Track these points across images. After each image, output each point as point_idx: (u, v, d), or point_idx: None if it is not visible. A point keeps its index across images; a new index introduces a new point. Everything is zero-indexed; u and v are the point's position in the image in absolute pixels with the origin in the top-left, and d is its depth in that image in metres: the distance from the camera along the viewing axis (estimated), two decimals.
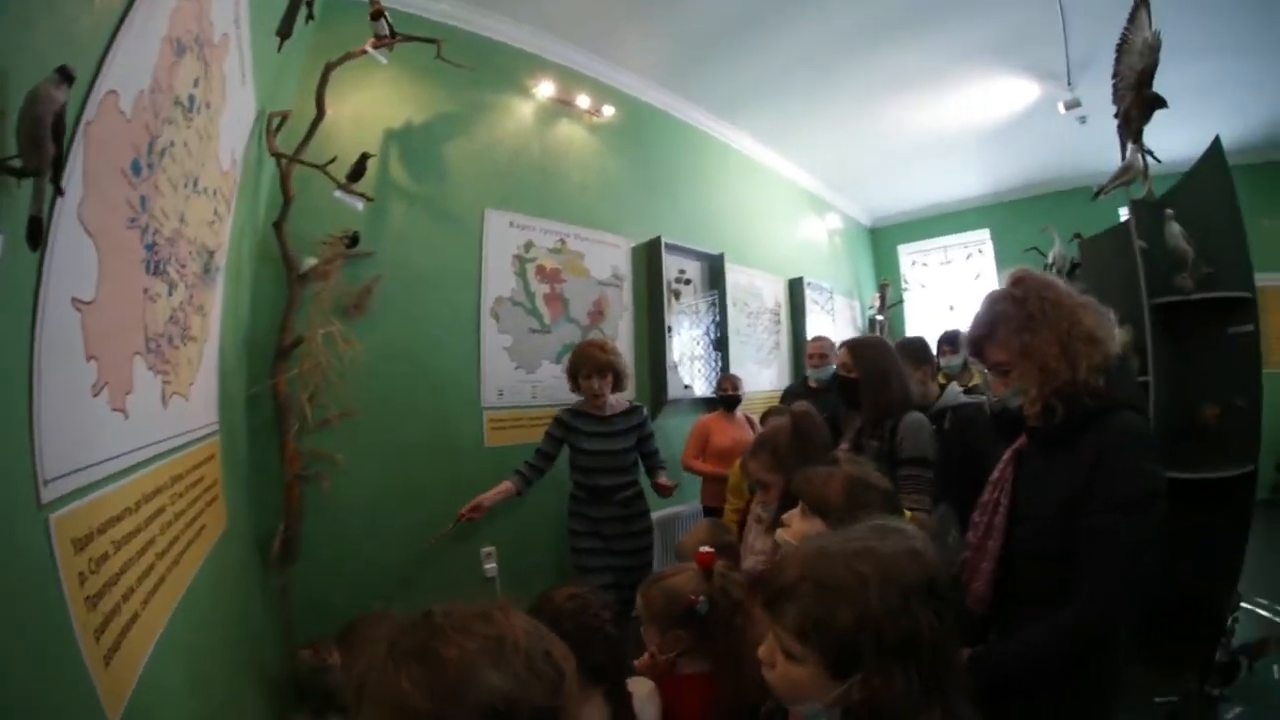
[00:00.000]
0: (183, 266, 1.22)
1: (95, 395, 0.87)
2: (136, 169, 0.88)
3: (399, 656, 0.57)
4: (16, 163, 0.52)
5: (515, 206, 3.18)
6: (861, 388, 2.07)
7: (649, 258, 3.82)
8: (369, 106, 2.66)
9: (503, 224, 3.12)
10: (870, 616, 0.71)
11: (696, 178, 4.34)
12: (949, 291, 6.62)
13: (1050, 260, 4.22)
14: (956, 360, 3.26)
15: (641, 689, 1.25)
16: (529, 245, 3.22)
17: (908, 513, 1.31)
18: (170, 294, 1.17)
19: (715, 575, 1.29)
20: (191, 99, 1.11)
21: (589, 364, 2.53)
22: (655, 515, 2.87)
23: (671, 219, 4.00)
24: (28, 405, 0.66)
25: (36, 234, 0.56)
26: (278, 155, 2.14)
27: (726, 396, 3.42)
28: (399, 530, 2.58)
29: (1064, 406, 1.11)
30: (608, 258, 3.60)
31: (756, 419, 3.37)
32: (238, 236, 1.76)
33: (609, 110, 3.67)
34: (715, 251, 4.25)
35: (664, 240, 3.78)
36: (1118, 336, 1.15)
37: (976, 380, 2.91)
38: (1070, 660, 1.09)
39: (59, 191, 0.57)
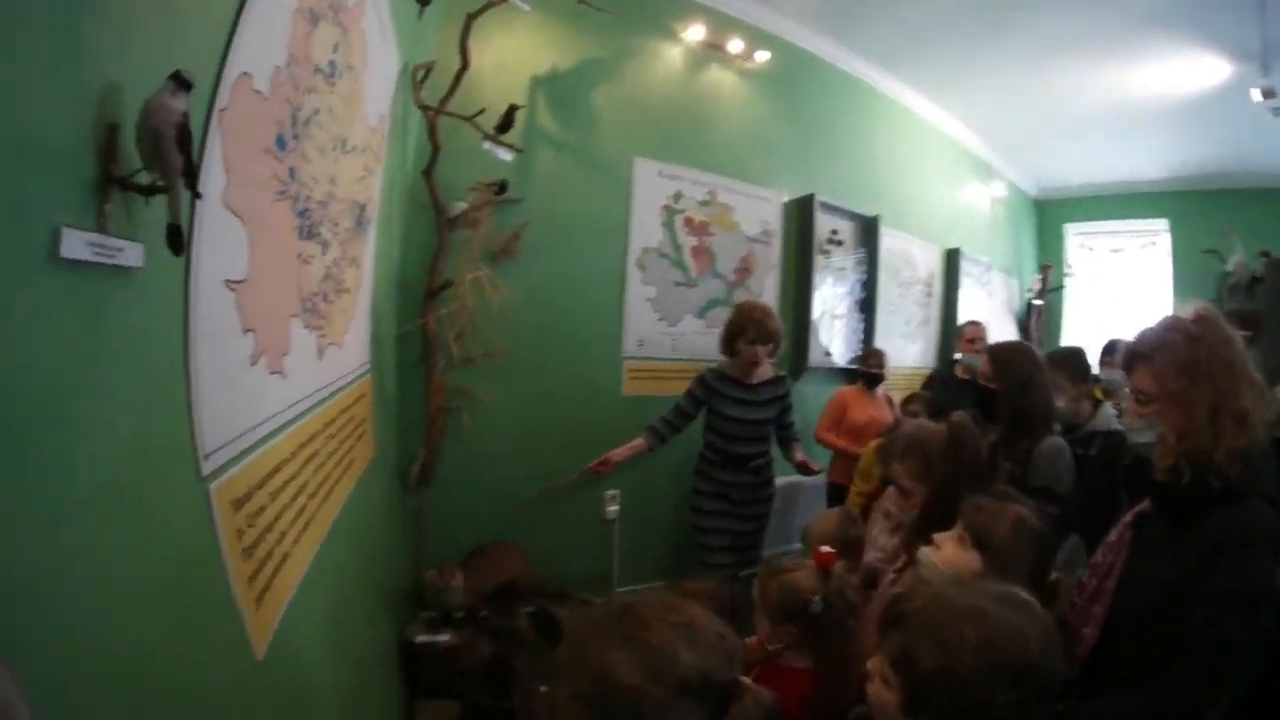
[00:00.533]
0: (335, 224, 1.26)
1: (254, 364, 0.92)
2: (281, 143, 0.89)
3: (612, 641, 0.67)
4: (144, 178, 0.50)
5: (664, 156, 3.06)
6: (1000, 400, 1.87)
7: (800, 215, 3.58)
8: (513, 54, 2.61)
9: (651, 173, 3.02)
10: (953, 675, 0.74)
11: (853, 131, 3.96)
12: (1116, 284, 5.74)
13: (1229, 268, 3.71)
14: (1118, 375, 2.81)
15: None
16: (678, 196, 3.11)
17: (1055, 574, 1.23)
18: (324, 253, 1.22)
19: (833, 577, 1.29)
20: (332, 65, 1.10)
21: (759, 330, 2.43)
22: (778, 482, 2.80)
23: (825, 175, 3.70)
24: (185, 389, 0.70)
25: (177, 241, 0.55)
26: (424, 108, 2.17)
27: (870, 373, 3.18)
28: (530, 466, 2.72)
29: (1190, 475, 1.06)
30: (758, 212, 3.41)
31: (897, 399, 3.13)
32: (388, 187, 1.82)
33: (762, 56, 3.36)
34: (870, 213, 3.91)
35: (818, 198, 3.52)
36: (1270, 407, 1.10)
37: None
38: None
39: (196, 195, 0.56)
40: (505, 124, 2.31)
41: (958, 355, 3.16)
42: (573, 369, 2.84)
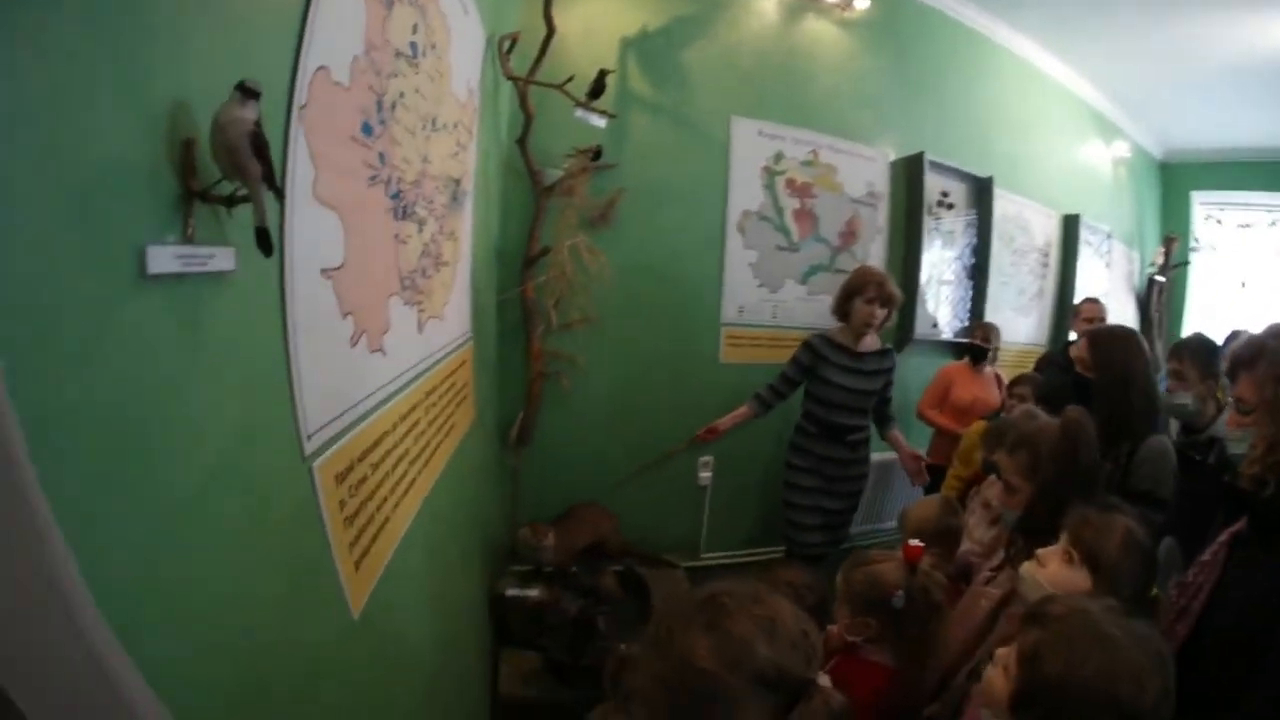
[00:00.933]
0: (430, 202, 1.29)
1: (354, 345, 0.96)
2: (368, 130, 0.90)
3: (695, 627, 0.70)
4: (224, 188, 0.51)
5: (763, 114, 2.90)
6: (1096, 394, 1.72)
7: (909, 175, 3.31)
8: (600, 18, 2.54)
9: (750, 133, 2.88)
10: (1065, 690, 0.76)
11: (963, 85, 3.57)
12: (1242, 263, 4.99)
13: None
14: None
15: (820, 677, 1.24)
16: (779, 156, 2.95)
17: (1156, 590, 1.16)
18: (421, 230, 1.25)
19: (919, 573, 1.28)
20: (414, 46, 1.10)
21: (879, 289, 2.35)
22: (874, 458, 2.69)
23: (934, 132, 3.38)
24: (286, 376, 0.74)
25: (266, 243, 0.57)
26: (513, 78, 2.15)
27: (976, 347, 2.93)
28: (624, 431, 2.78)
29: (1276, 486, 1.05)
30: (863, 173, 3.17)
31: (1006, 378, 2.89)
32: (483, 159, 1.84)
33: (862, 3, 3.05)
34: (983, 174, 3.55)
35: (927, 157, 3.23)
36: None
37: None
38: None
39: (279, 196, 0.57)
40: (596, 90, 2.26)
41: (1073, 336, 2.82)
42: (670, 335, 2.83)
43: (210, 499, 0.59)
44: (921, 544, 1.33)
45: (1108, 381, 1.75)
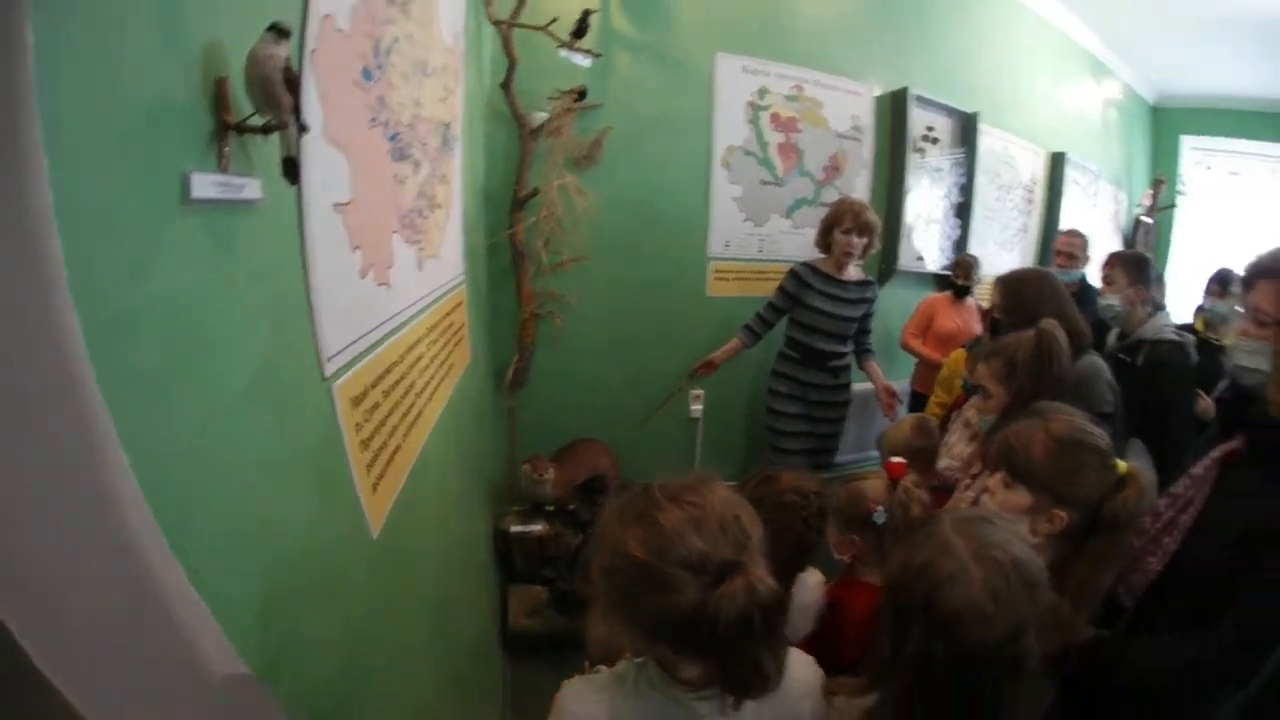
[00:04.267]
0: (424, 145, 1.32)
1: (363, 277, 1.02)
2: (368, 75, 0.94)
3: (626, 519, 0.75)
4: (257, 120, 0.56)
5: (748, 50, 2.88)
6: (1002, 333, 1.75)
7: (893, 110, 3.31)
8: None
9: (734, 69, 2.87)
10: (895, 590, 0.82)
11: (950, 20, 3.54)
12: (1232, 211, 5.09)
13: None
14: (1223, 306, 2.55)
15: (811, 578, 1.30)
16: (763, 92, 2.95)
17: (1121, 464, 1.10)
18: (416, 173, 1.28)
19: (900, 489, 1.27)
20: None
21: (854, 219, 2.43)
22: (855, 388, 2.82)
23: (920, 67, 3.37)
24: (306, 301, 0.80)
25: (293, 171, 0.62)
26: (496, 23, 2.13)
27: (958, 285, 3.03)
28: (617, 366, 2.87)
29: None
30: (848, 107, 3.18)
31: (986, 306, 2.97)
32: (469, 103, 1.85)
33: None
34: (969, 109, 3.57)
35: (912, 91, 3.23)
36: None
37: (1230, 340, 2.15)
38: (1163, 693, 1.05)
39: (303, 130, 0.62)
40: (580, 30, 2.25)
41: (1054, 268, 2.89)
42: (658, 270, 2.90)
43: (245, 411, 0.65)
44: (903, 460, 1.34)
45: (1013, 324, 1.74)
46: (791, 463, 2.62)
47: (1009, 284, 1.92)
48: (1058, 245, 2.95)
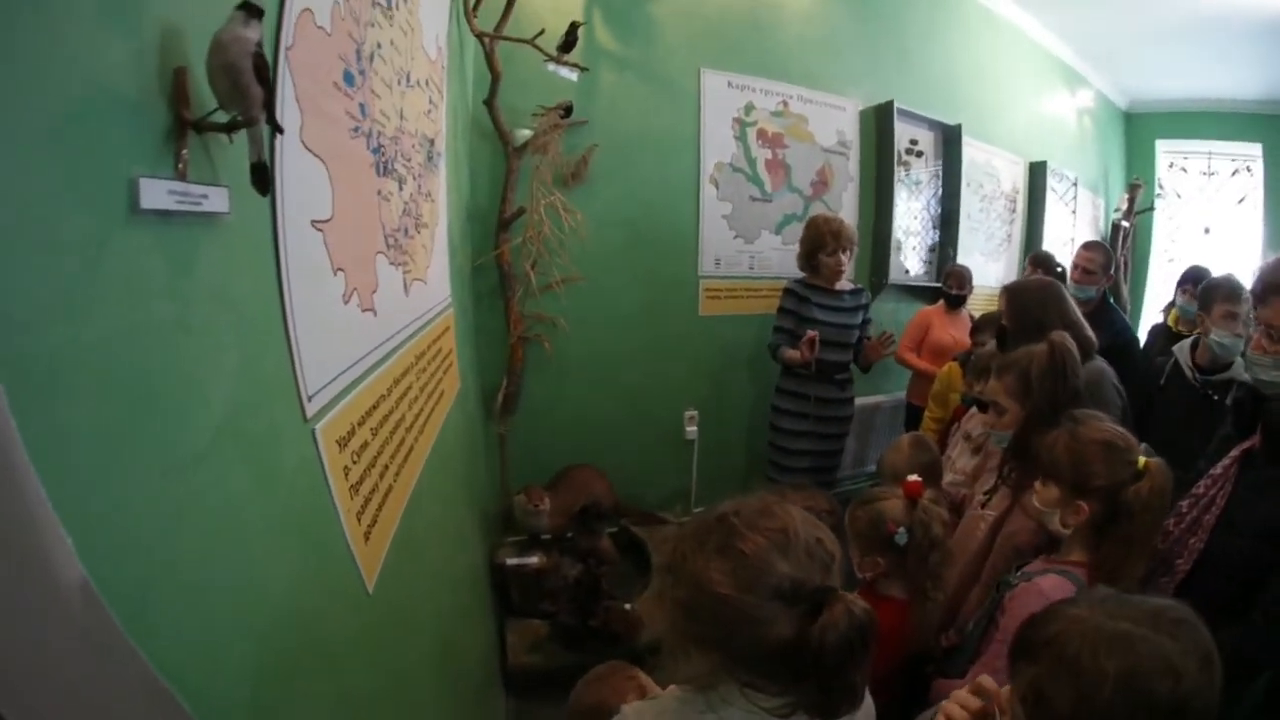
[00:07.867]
0: (408, 160, 1.23)
1: (347, 303, 0.92)
2: (349, 79, 0.85)
3: (707, 551, 0.70)
4: (221, 116, 0.47)
5: (732, 66, 2.87)
6: (1010, 342, 1.78)
7: (878, 124, 3.33)
8: None
9: (720, 85, 2.85)
10: (1089, 715, 0.64)
11: (931, 34, 3.59)
12: (1206, 210, 5.28)
13: None
14: (1194, 304, 2.53)
15: None
16: (749, 108, 2.93)
17: (1143, 460, 1.13)
18: (401, 189, 1.19)
19: (919, 508, 1.31)
20: None
21: (836, 240, 2.47)
22: (859, 402, 2.79)
23: (903, 81, 3.40)
24: (284, 333, 0.70)
25: (263, 179, 0.53)
26: (480, 35, 2.07)
27: (951, 295, 3.02)
28: (610, 389, 2.78)
29: None
30: (834, 122, 3.18)
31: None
32: (452, 119, 1.78)
33: None
34: (952, 122, 3.59)
35: (896, 105, 3.25)
36: None
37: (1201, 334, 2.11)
38: None
39: (277, 130, 0.53)
40: (568, 43, 2.18)
41: (1071, 286, 2.91)
42: (649, 291, 2.83)
43: (212, 465, 0.55)
44: (920, 479, 1.36)
45: (1019, 331, 1.77)
46: (794, 481, 2.55)
47: (1014, 293, 1.94)
48: (1074, 259, 2.95)
